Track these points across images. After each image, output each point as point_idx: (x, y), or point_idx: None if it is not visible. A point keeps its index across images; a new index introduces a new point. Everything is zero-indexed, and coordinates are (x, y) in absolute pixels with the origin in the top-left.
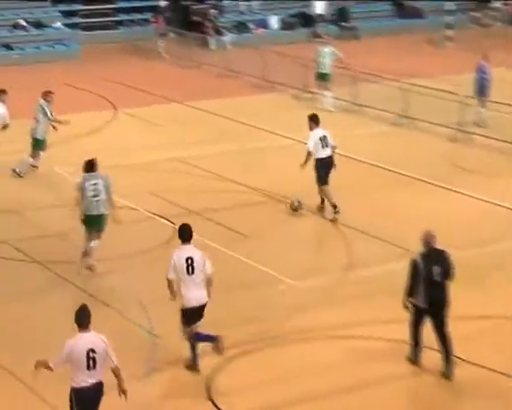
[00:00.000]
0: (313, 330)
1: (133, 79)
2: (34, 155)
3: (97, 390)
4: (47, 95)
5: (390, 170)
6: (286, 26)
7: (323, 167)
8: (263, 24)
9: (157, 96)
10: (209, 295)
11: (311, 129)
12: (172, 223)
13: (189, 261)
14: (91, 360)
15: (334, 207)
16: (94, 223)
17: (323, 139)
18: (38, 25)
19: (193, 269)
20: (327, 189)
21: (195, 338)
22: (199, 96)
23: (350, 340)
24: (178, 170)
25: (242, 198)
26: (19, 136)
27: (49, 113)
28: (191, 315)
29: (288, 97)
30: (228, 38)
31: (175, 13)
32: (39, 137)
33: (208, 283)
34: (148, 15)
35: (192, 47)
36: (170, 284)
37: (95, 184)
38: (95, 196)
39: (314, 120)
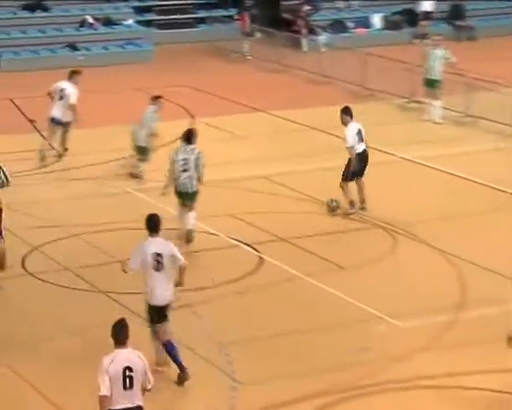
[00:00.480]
0: (416, 379)
1: (213, 84)
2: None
3: None
4: (156, 100)
5: (508, 192)
6: (389, 25)
7: (359, 162)
8: (363, 23)
9: (240, 104)
10: (182, 284)
11: (345, 124)
12: (257, 251)
13: (158, 258)
14: (128, 379)
15: (352, 204)
16: (183, 198)
17: (359, 133)
18: (107, 22)
19: (162, 266)
20: (347, 186)
21: (166, 347)
22: (288, 104)
23: (458, 391)
24: (263, 189)
25: (337, 223)
26: (90, 146)
27: (152, 122)
28: (157, 313)
29: (390, 107)
30: (323, 38)
31: (262, 9)
32: (142, 144)
33: (181, 272)
34: (231, 12)
35: (281, 48)
36: (126, 270)
37: (185, 159)
38: (184, 170)
39: (349, 114)
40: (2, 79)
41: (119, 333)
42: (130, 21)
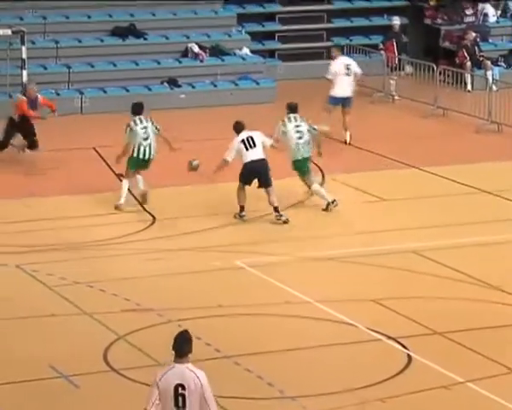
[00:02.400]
0: None
1: (351, 131)
2: None
3: None
4: None
5: None
6: None
7: (247, 174)
8: None
9: (385, 157)
10: None
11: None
12: (405, 347)
13: None
14: (180, 397)
15: (242, 208)
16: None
17: (248, 141)
18: (217, 52)
19: None
20: (242, 188)
21: None
22: (447, 159)
23: None
24: (412, 267)
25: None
26: (188, 209)
27: None
28: None
29: None
30: (493, 73)
31: (414, 36)
32: None
33: None
34: (375, 40)
35: (439, 87)
36: None
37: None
38: (300, 138)
39: (236, 127)
40: (84, 122)
41: (180, 345)
42: (246, 51)
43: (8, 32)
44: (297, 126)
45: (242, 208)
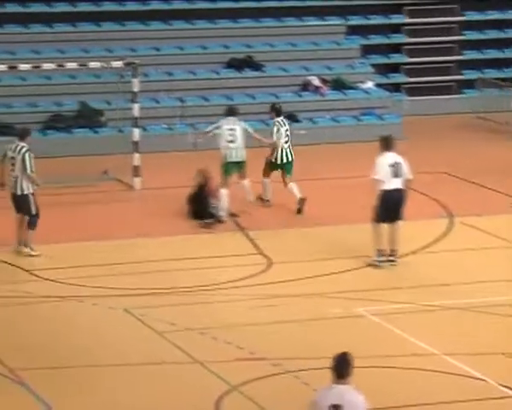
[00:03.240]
0: None
1: (482, 171)
2: None
3: None
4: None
5: None
6: None
7: (385, 201)
8: None
9: None
10: None
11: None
12: None
13: None
14: None
15: (381, 252)
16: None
17: (394, 167)
18: (339, 85)
19: None
20: (378, 229)
21: None
22: None
23: None
24: None
25: None
26: (306, 253)
27: None
28: None
29: None
30: None
31: None
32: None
33: None
34: (509, 73)
35: None
36: None
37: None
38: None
39: (384, 144)
40: (197, 159)
41: (340, 366)
42: (370, 85)
43: (120, 64)
44: (287, 130)
45: (381, 252)
